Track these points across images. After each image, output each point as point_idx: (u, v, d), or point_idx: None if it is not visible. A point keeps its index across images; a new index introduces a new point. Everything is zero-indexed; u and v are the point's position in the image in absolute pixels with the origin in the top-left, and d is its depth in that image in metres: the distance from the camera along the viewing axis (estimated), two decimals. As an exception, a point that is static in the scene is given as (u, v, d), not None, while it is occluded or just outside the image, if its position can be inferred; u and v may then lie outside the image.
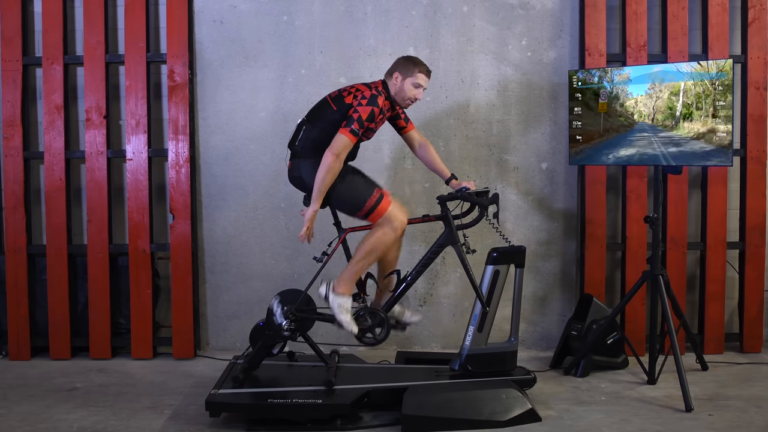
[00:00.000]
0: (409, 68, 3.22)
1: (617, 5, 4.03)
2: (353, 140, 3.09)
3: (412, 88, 3.21)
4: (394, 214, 3.16)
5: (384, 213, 3.14)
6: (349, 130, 3.07)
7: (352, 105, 3.10)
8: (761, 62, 3.97)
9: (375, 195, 3.15)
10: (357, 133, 3.08)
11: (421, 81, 3.22)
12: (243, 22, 4.03)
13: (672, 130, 3.42)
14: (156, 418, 3.08)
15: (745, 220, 4.02)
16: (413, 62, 3.23)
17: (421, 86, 3.23)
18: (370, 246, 3.15)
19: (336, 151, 3.07)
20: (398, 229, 3.17)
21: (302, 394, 3.02)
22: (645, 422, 3.02)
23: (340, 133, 3.08)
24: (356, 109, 3.08)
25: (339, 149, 3.08)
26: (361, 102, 3.09)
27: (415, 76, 3.21)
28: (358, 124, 3.07)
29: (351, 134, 3.08)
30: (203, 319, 4.14)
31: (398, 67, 3.25)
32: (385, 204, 3.15)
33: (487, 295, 3.23)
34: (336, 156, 3.07)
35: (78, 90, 4.10)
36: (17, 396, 3.39)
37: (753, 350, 4.03)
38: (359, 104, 3.08)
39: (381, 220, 3.15)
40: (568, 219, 4.10)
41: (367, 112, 3.08)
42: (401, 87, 3.22)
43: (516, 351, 3.27)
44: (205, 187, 4.09)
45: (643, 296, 3.90)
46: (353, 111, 3.08)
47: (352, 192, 3.15)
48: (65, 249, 3.98)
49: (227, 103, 4.05)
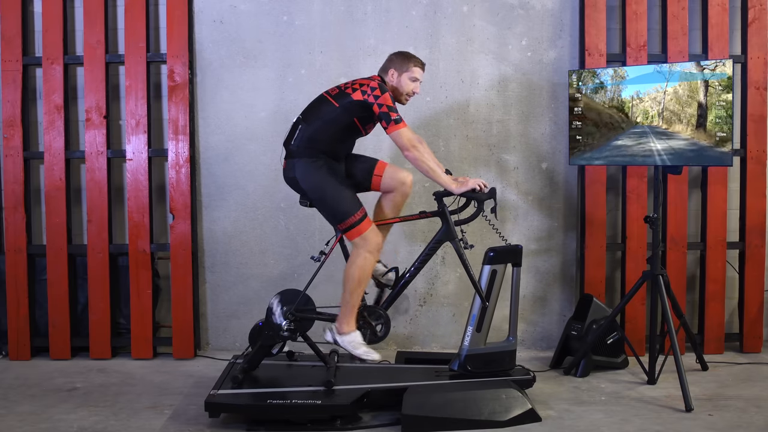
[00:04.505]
0: (404, 63, 3.22)
1: (617, 5, 4.03)
2: (404, 125, 3.09)
3: (409, 83, 3.22)
4: (372, 236, 3.16)
5: (363, 233, 3.14)
6: (394, 123, 3.07)
7: (366, 101, 3.09)
8: (761, 62, 3.97)
9: (359, 214, 3.14)
10: (400, 119, 3.08)
11: (417, 74, 3.23)
12: (243, 22, 4.03)
13: (672, 130, 3.42)
14: (156, 418, 3.08)
15: (745, 220, 4.02)
16: (406, 57, 3.24)
17: (417, 79, 3.23)
18: (356, 276, 3.15)
19: (409, 145, 3.09)
20: (375, 252, 3.17)
21: (302, 395, 3.02)
22: (645, 422, 3.02)
23: (392, 133, 3.09)
24: (379, 103, 3.07)
25: (410, 142, 3.09)
26: (375, 95, 3.08)
27: (410, 70, 3.22)
28: (393, 111, 3.07)
29: (398, 123, 3.08)
30: (203, 319, 4.14)
31: (392, 63, 3.25)
32: (366, 225, 3.15)
33: (485, 295, 3.23)
34: (414, 147, 3.09)
35: (78, 90, 4.10)
36: (17, 396, 3.39)
37: (753, 350, 4.03)
38: (375, 97, 3.08)
39: (358, 240, 3.14)
40: (568, 219, 4.10)
41: (388, 98, 3.08)
42: (398, 83, 3.22)
43: (515, 350, 3.27)
44: (205, 187, 4.09)
45: (643, 296, 3.89)
46: (377, 107, 3.08)
47: (341, 203, 3.14)
48: (65, 249, 3.98)
49: (227, 103, 4.05)
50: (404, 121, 3.11)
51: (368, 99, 3.09)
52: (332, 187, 3.14)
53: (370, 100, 3.09)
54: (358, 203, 3.18)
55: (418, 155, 3.11)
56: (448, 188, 3.20)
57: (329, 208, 3.17)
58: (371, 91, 3.09)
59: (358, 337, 3.21)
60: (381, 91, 3.08)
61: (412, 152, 3.11)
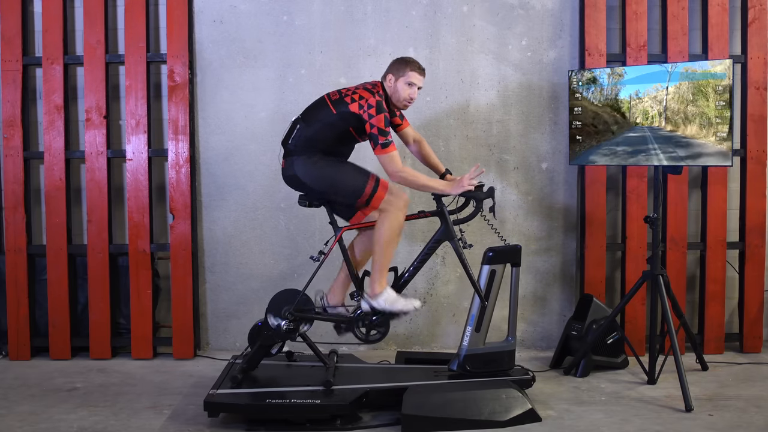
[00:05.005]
0: (401, 68, 3.21)
1: (617, 5, 4.03)
2: (394, 149, 3.11)
3: (406, 88, 3.21)
4: (396, 194, 3.17)
5: (384, 196, 3.14)
6: (381, 147, 3.09)
7: (361, 117, 3.08)
8: (761, 62, 3.97)
9: (371, 180, 3.15)
10: (389, 143, 3.10)
11: (414, 79, 3.21)
12: (243, 22, 4.03)
13: (672, 129, 3.42)
14: (156, 418, 3.09)
15: (745, 220, 4.01)
16: (404, 62, 3.23)
17: (414, 84, 3.22)
18: (386, 235, 3.15)
19: (395, 169, 3.13)
20: (403, 208, 3.18)
21: (301, 395, 3.02)
22: (645, 422, 3.02)
23: (380, 155, 3.11)
24: (371, 123, 3.08)
25: (394, 167, 3.13)
26: (371, 113, 3.08)
27: (407, 75, 3.20)
28: (383, 134, 3.08)
29: (386, 147, 3.09)
30: (203, 319, 4.14)
31: (390, 69, 3.25)
32: (383, 189, 3.15)
33: (484, 295, 3.23)
34: (400, 171, 3.13)
35: (78, 90, 4.10)
36: (17, 396, 3.39)
37: (753, 350, 4.03)
38: (370, 116, 3.08)
39: (383, 204, 3.15)
40: (568, 219, 4.10)
41: (382, 120, 3.08)
42: (395, 88, 3.21)
43: (514, 350, 3.27)
44: (205, 187, 4.09)
45: (643, 296, 3.89)
46: (369, 126, 3.08)
47: (350, 180, 3.14)
48: (65, 249, 3.99)
49: (227, 103, 4.06)
50: (393, 145, 3.12)
51: (363, 115, 3.09)
52: (335, 171, 3.15)
53: (364, 117, 3.09)
54: (365, 172, 3.18)
55: (405, 178, 3.15)
56: (444, 193, 3.23)
57: (340, 191, 3.16)
58: (368, 108, 3.09)
59: (393, 293, 3.21)
60: (377, 111, 3.08)
61: (398, 177, 3.15)
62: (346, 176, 3.15)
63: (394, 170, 3.14)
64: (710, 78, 3.31)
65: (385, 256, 3.17)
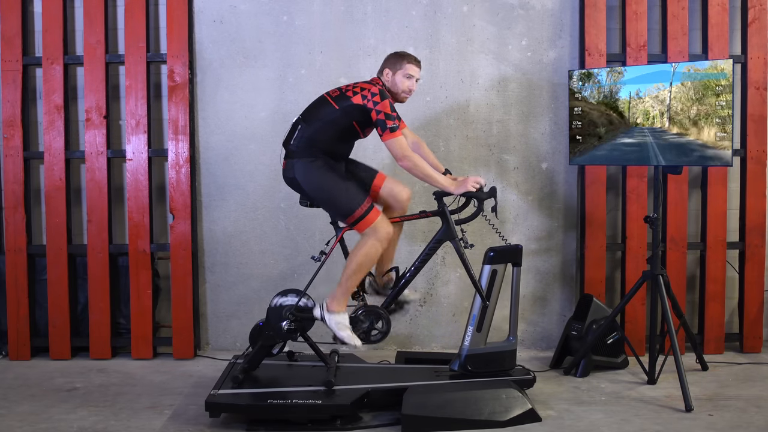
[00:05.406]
0: (398, 62, 3.22)
1: (617, 5, 4.03)
2: (399, 134, 3.10)
3: (404, 80, 3.21)
4: (381, 225, 3.13)
5: (371, 223, 3.11)
6: (389, 131, 3.08)
7: (366, 106, 3.09)
8: (761, 62, 3.97)
9: (365, 205, 3.12)
10: (396, 127, 3.09)
11: (412, 71, 3.22)
12: (243, 22, 4.03)
13: (672, 130, 3.42)
14: (156, 418, 3.08)
15: (745, 220, 4.02)
16: (400, 56, 3.25)
17: (413, 76, 3.22)
18: (359, 261, 3.13)
19: (402, 154, 3.10)
20: (384, 240, 3.14)
21: (302, 395, 3.02)
22: (645, 422, 3.02)
23: (387, 141, 3.09)
24: (377, 110, 3.07)
25: (402, 151, 3.10)
26: (375, 100, 3.08)
27: (404, 67, 3.21)
28: (391, 119, 3.08)
29: (393, 132, 3.08)
30: (203, 319, 4.14)
31: (386, 64, 3.26)
32: (374, 215, 3.13)
33: (485, 294, 3.23)
34: (407, 157, 3.11)
35: (78, 90, 4.10)
36: (17, 396, 3.39)
37: (753, 350, 4.03)
38: (375, 103, 3.07)
39: (368, 230, 3.12)
40: (568, 219, 4.10)
41: (387, 105, 3.08)
42: (393, 82, 3.22)
43: (515, 350, 3.27)
44: (205, 187, 4.09)
45: (643, 296, 3.90)
46: (375, 113, 3.08)
47: (345, 198, 3.12)
48: (65, 249, 3.98)
49: (227, 103, 4.05)
50: (400, 130, 3.12)
51: (367, 104, 3.09)
52: (333, 184, 3.14)
53: (369, 106, 3.09)
54: (363, 195, 3.17)
55: (411, 165, 3.13)
56: (447, 190, 3.21)
57: (333, 205, 3.16)
58: (371, 96, 3.09)
59: (345, 320, 3.18)
60: (381, 98, 3.08)
61: (405, 162, 3.12)
62: (342, 193, 3.13)
63: (402, 154, 3.11)
64: (711, 78, 3.31)
65: (353, 279, 3.16)
